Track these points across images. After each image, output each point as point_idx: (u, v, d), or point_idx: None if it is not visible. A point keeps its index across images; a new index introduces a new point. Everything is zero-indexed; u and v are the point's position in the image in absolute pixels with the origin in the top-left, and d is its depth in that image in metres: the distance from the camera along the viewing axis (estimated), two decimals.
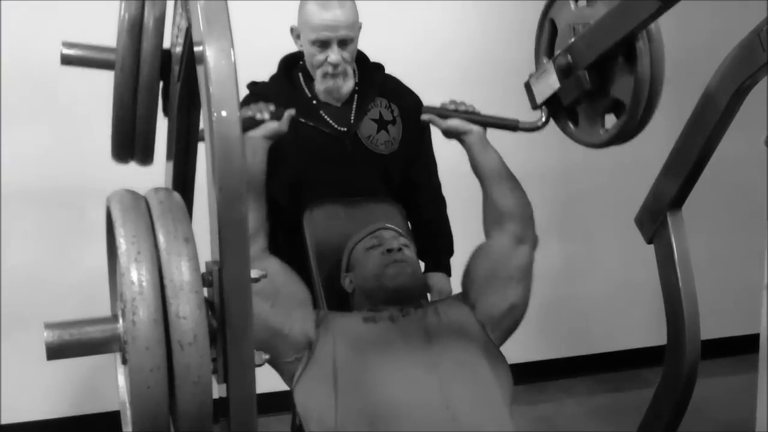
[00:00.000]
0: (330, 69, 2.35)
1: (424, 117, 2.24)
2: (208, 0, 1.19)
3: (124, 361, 1.16)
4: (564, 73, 2.04)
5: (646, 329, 3.96)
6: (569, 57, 2.01)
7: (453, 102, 2.24)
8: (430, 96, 2.39)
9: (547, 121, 2.16)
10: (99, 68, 1.56)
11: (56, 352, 1.20)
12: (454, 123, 2.20)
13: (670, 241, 2.05)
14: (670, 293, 2.09)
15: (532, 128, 2.19)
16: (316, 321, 2.07)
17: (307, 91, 2.44)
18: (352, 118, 2.43)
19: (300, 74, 2.46)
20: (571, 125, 2.12)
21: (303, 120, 2.38)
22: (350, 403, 1.93)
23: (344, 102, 2.44)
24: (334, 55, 2.33)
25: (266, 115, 2.15)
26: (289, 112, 2.17)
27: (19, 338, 3.25)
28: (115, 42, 1.47)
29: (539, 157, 3.67)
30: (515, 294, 2.14)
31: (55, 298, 3.30)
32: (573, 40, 2.00)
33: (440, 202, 2.64)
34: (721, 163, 2.35)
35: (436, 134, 2.59)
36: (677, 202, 2.03)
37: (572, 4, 2.02)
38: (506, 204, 2.16)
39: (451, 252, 2.61)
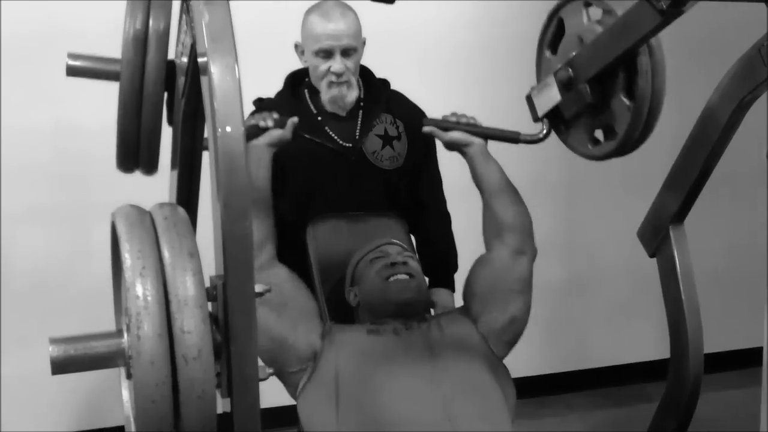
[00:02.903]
0: (334, 78, 2.35)
1: (426, 129, 2.24)
2: (212, 16, 1.20)
3: (129, 376, 1.16)
4: (565, 86, 2.05)
5: (649, 343, 3.96)
6: (570, 70, 2.02)
7: (454, 114, 2.25)
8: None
9: (548, 134, 2.17)
10: (104, 79, 1.57)
11: (61, 366, 1.21)
12: (456, 135, 2.21)
13: (673, 254, 2.06)
14: (672, 307, 2.09)
15: (534, 140, 2.20)
16: (321, 332, 2.07)
17: (312, 107, 2.44)
18: (357, 133, 2.44)
19: (306, 90, 2.46)
20: (572, 137, 2.13)
21: (308, 136, 2.38)
22: (352, 416, 1.93)
23: (349, 117, 2.44)
24: (337, 64, 2.34)
25: (270, 123, 2.16)
26: (293, 120, 2.18)
27: (23, 352, 3.25)
28: (120, 53, 1.48)
29: (542, 170, 3.67)
30: (516, 307, 2.15)
31: (59, 313, 3.30)
32: (575, 54, 2.01)
33: (446, 219, 2.64)
34: (723, 177, 2.35)
35: (439, 147, 2.61)
36: (680, 216, 2.04)
37: (585, 14, 2.03)
38: (506, 216, 2.17)
39: (455, 268, 2.61)
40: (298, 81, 2.48)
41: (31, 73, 3.21)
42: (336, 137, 2.42)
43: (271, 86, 2.49)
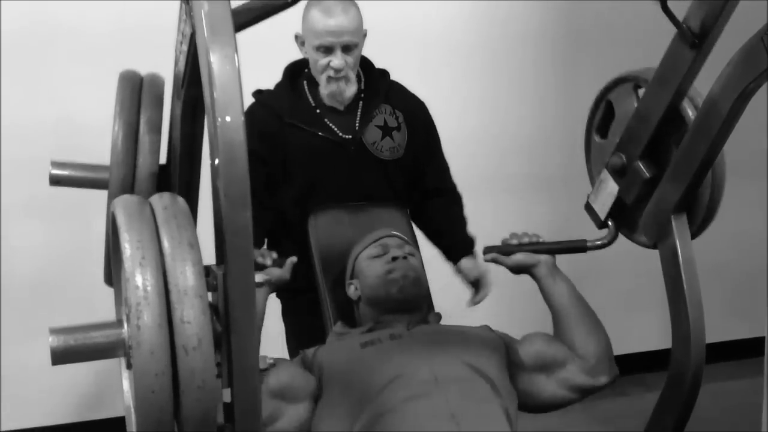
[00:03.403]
0: (333, 73, 2.35)
1: (487, 257, 2.21)
2: (212, 6, 1.20)
3: (129, 366, 1.16)
4: (620, 173, 2.01)
5: (650, 333, 3.96)
6: (622, 155, 1.99)
7: (514, 235, 2.22)
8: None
9: (615, 236, 2.13)
10: (91, 188, 1.54)
11: (61, 357, 1.21)
12: (520, 258, 2.17)
13: (675, 244, 2.05)
14: (674, 297, 2.08)
15: (602, 246, 2.16)
16: (309, 365, 2.00)
17: (311, 99, 2.44)
18: (357, 125, 2.44)
19: (305, 82, 2.46)
20: (640, 233, 2.10)
21: (307, 128, 2.38)
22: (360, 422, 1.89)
23: (349, 109, 2.44)
24: (337, 60, 2.33)
25: (268, 262, 2.16)
26: (291, 260, 2.17)
27: (24, 345, 3.25)
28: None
29: (542, 164, 3.67)
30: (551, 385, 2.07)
31: (59, 305, 3.30)
32: (621, 137, 2.01)
33: (459, 202, 2.63)
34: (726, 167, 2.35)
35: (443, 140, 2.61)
36: (682, 206, 2.03)
37: (635, 99, 2.02)
38: (581, 347, 2.08)
39: (474, 243, 2.59)
40: (297, 72, 2.48)
41: (31, 69, 3.21)
42: (336, 129, 2.42)
43: (271, 76, 2.49)
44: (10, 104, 3.21)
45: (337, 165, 2.42)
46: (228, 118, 1.16)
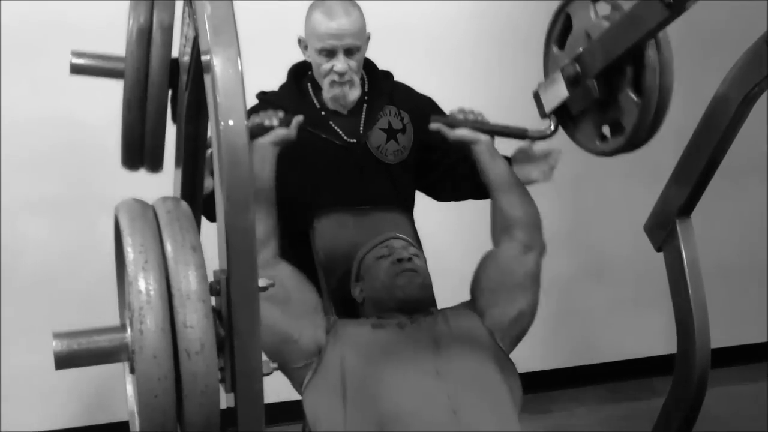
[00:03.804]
0: (336, 77, 2.34)
1: (432, 126, 2.25)
2: (214, 9, 1.20)
3: (132, 370, 1.16)
4: (572, 82, 2.05)
5: (656, 338, 3.95)
6: (577, 66, 2.01)
7: (461, 111, 2.25)
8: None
9: (556, 130, 2.17)
10: (108, 77, 1.57)
11: (65, 361, 1.20)
12: (463, 132, 2.22)
13: (680, 248, 2.05)
14: (679, 301, 2.08)
15: (541, 136, 2.20)
16: (326, 327, 2.07)
17: (316, 101, 2.43)
18: (361, 128, 2.43)
19: (309, 84, 2.45)
20: (579, 133, 2.12)
21: (313, 130, 2.38)
22: (359, 410, 1.93)
23: (353, 112, 2.43)
24: (340, 63, 2.32)
25: (275, 122, 2.16)
26: (297, 119, 2.18)
27: (27, 348, 3.25)
28: (124, 50, 1.48)
29: None
30: (524, 301, 2.15)
31: (63, 307, 3.30)
32: (581, 49, 2.00)
33: None
34: (731, 170, 2.34)
35: None
36: (686, 209, 2.03)
37: (592, 10, 2.02)
38: (514, 212, 2.18)
39: None
40: (301, 74, 2.48)
41: (34, 67, 3.21)
42: (341, 132, 2.41)
43: (274, 79, 2.48)
44: (11, 101, 3.21)
45: (341, 168, 2.42)
46: (231, 122, 1.16)
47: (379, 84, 2.48)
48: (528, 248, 2.17)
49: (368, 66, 2.47)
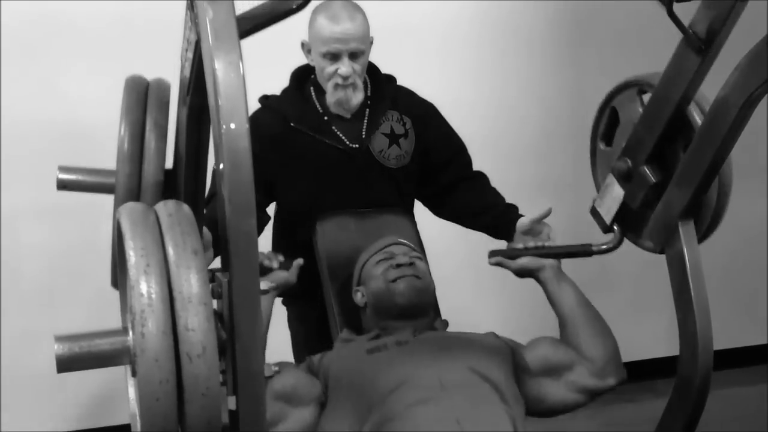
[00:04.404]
0: (340, 80, 2.34)
1: (492, 261, 2.23)
2: (216, 12, 1.20)
3: (134, 373, 1.16)
4: (625, 177, 2.00)
5: (658, 340, 3.95)
6: (627, 160, 1.99)
7: (520, 239, 2.25)
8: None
9: (621, 240, 2.12)
10: (98, 192, 1.55)
11: (66, 364, 1.21)
12: (525, 261, 2.19)
13: (682, 250, 2.04)
14: (681, 303, 2.08)
15: (607, 251, 2.15)
16: (315, 370, 2.02)
17: (318, 105, 2.42)
18: (364, 133, 2.43)
19: (312, 88, 2.45)
20: (643, 238, 2.09)
21: (315, 135, 2.37)
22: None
23: (356, 116, 2.43)
24: (344, 67, 2.32)
25: (275, 265, 2.16)
26: (298, 263, 2.19)
27: (29, 350, 3.26)
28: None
29: (549, 169, 3.66)
30: (557, 389, 2.09)
31: (66, 312, 3.31)
32: (627, 139, 2.00)
33: (488, 179, 2.56)
34: (734, 172, 2.34)
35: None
36: (688, 211, 2.02)
37: (639, 104, 2.01)
38: (592, 351, 2.10)
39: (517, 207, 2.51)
40: (303, 77, 2.47)
41: (35, 68, 3.21)
42: (343, 137, 2.41)
43: (276, 83, 2.48)
44: (13, 103, 3.22)
45: (343, 173, 2.42)
46: (233, 125, 1.16)
47: (381, 88, 2.48)
48: (604, 375, 2.09)
49: (371, 69, 2.46)
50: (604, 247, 2.15)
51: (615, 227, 2.12)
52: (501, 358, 2.05)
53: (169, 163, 1.65)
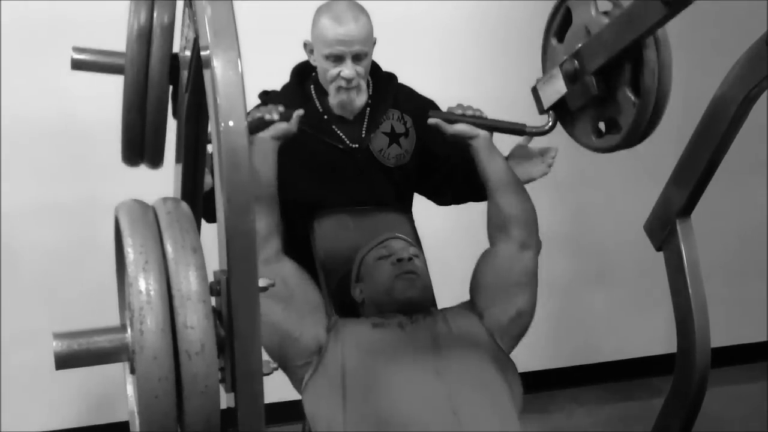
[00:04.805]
0: (344, 84, 2.32)
1: (431, 121, 2.25)
2: (215, 10, 1.20)
3: (133, 371, 1.16)
4: (571, 78, 2.05)
5: (656, 337, 3.95)
6: (576, 62, 2.01)
7: (460, 106, 2.24)
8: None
9: (554, 125, 2.18)
10: (109, 73, 1.57)
11: (65, 361, 1.20)
12: (461, 128, 2.21)
13: (680, 248, 2.05)
14: (679, 301, 2.08)
15: (539, 132, 2.20)
16: (327, 326, 2.08)
17: (319, 105, 2.42)
18: (364, 133, 2.42)
19: (312, 87, 2.44)
20: (577, 129, 2.12)
21: (314, 134, 2.37)
22: (358, 409, 1.93)
23: (356, 116, 2.42)
24: (348, 69, 2.30)
25: (275, 116, 2.16)
26: (298, 113, 2.18)
27: (28, 348, 3.26)
28: (124, 47, 1.48)
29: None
30: (522, 300, 2.15)
31: (64, 308, 3.31)
32: (580, 45, 2.01)
33: None
34: (731, 169, 2.34)
35: None
36: (686, 209, 2.03)
37: (593, 7, 2.02)
38: (510, 210, 2.18)
39: None
40: (304, 74, 2.46)
41: (34, 66, 3.21)
42: (343, 137, 2.40)
43: (274, 81, 2.48)
44: (13, 100, 3.21)
45: (342, 172, 2.42)
46: (231, 123, 1.16)
47: (383, 87, 2.47)
48: (524, 246, 2.17)
49: (372, 68, 2.44)
50: (537, 129, 2.22)
51: (550, 113, 2.18)
52: (481, 325, 2.14)
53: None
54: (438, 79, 2.93)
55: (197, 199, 1.65)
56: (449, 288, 2.38)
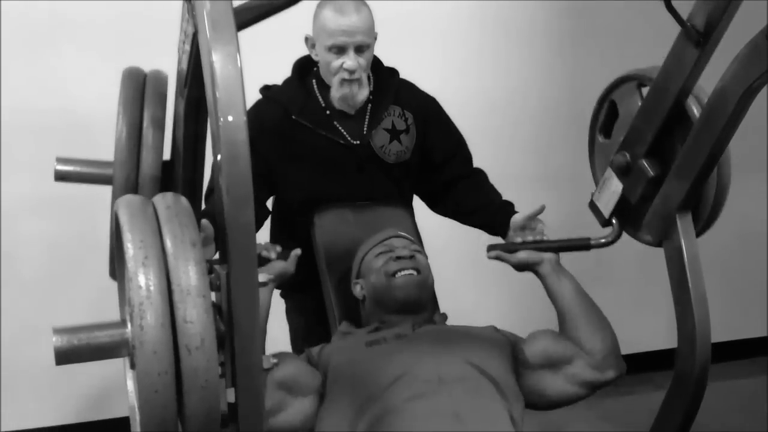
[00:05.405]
0: (346, 75, 2.32)
1: (491, 255, 2.21)
2: (214, 5, 1.20)
3: (133, 366, 1.16)
4: (624, 171, 2.00)
5: (657, 332, 3.95)
6: (626, 154, 1.99)
7: (519, 233, 2.24)
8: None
9: (619, 234, 2.13)
10: (96, 184, 1.55)
11: (65, 356, 1.21)
12: (523, 256, 2.17)
13: (680, 242, 2.04)
14: (679, 296, 2.08)
15: (604, 244, 2.16)
16: (315, 362, 2.02)
17: (321, 99, 2.41)
18: (365, 129, 2.42)
19: (314, 81, 2.43)
20: (642, 231, 2.09)
21: (316, 129, 2.37)
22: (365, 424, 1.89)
23: (358, 112, 2.41)
24: (350, 60, 2.30)
25: (273, 255, 2.14)
26: (296, 253, 2.16)
27: (28, 343, 3.26)
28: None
29: (548, 161, 3.66)
30: (558, 382, 2.07)
31: (65, 306, 3.31)
32: (625, 134, 2.00)
33: (486, 177, 2.55)
34: (732, 164, 2.34)
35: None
36: (686, 204, 2.02)
37: (638, 98, 2.01)
38: (590, 344, 2.07)
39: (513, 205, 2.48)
40: (305, 69, 2.46)
41: (34, 61, 3.21)
42: (345, 133, 2.39)
43: (274, 75, 2.48)
44: (12, 95, 3.21)
45: (342, 167, 2.41)
46: (230, 117, 1.16)
47: (384, 83, 2.46)
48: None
49: (374, 63, 2.44)
50: (603, 240, 2.16)
51: (613, 221, 2.13)
52: (500, 351, 2.05)
53: (166, 155, 1.65)
54: (438, 74, 2.93)
55: (197, 194, 1.65)
56: (449, 285, 2.39)
